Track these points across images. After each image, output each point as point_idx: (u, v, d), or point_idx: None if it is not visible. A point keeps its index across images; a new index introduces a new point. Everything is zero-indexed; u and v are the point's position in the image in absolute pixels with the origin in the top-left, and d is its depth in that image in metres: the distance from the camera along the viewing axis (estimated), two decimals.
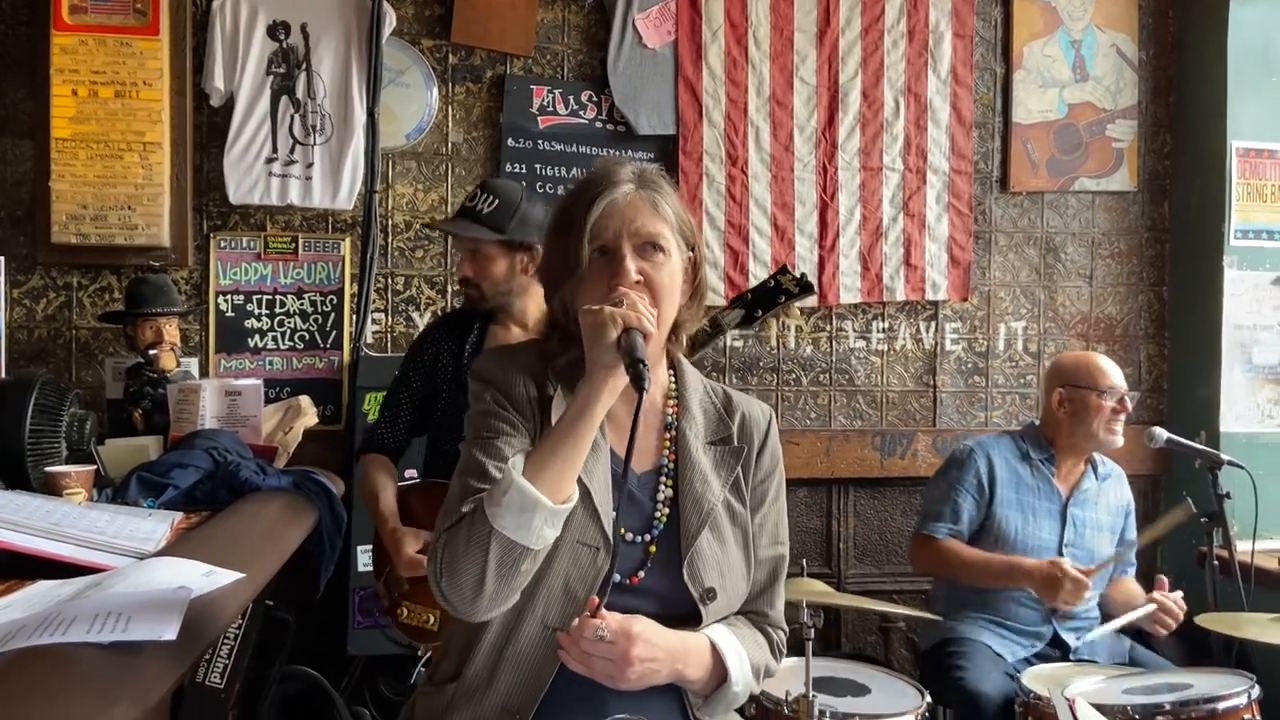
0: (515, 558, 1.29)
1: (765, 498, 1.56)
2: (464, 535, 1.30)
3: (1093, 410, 2.77)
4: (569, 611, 1.37)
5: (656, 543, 1.45)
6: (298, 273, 3.26)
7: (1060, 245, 3.67)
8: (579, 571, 1.39)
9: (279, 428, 2.86)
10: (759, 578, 1.55)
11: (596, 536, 1.40)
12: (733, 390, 1.62)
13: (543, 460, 1.31)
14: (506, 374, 1.47)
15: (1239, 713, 2.18)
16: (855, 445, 3.52)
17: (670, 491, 1.48)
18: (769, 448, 1.58)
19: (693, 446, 1.50)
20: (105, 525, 1.69)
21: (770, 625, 1.57)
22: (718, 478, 1.51)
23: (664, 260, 1.43)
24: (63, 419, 2.14)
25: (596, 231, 1.42)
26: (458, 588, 1.30)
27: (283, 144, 3.19)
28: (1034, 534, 2.77)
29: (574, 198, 1.47)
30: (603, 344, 1.32)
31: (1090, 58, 3.62)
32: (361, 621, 3.09)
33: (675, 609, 1.43)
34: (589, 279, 1.42)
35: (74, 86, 3.03)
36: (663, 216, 1.44)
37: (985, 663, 2.62)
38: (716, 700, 1.44)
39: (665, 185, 1.49)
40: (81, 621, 1.12)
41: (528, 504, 1.27)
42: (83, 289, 3.15)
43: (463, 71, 3.36)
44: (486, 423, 1.43)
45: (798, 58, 3.47)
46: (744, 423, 1.56)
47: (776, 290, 2.46)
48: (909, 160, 3.53)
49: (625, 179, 1.45)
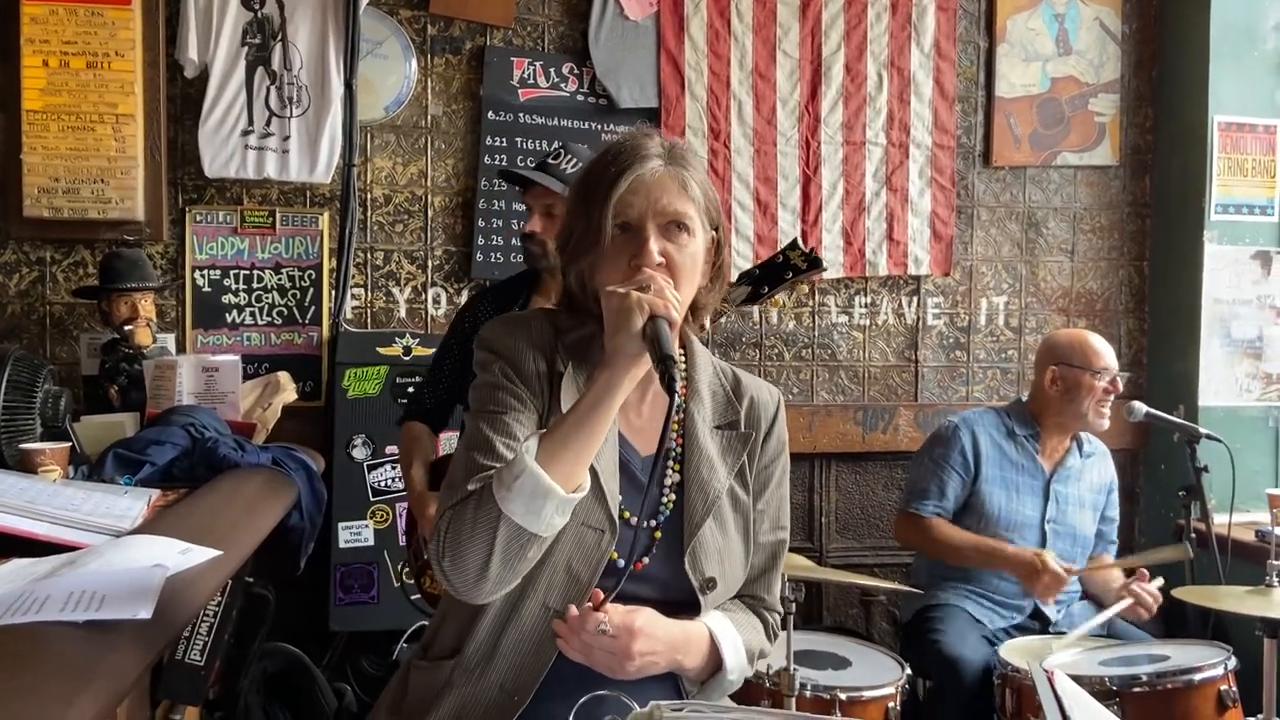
0: (523, 544, 1.26)
1: (769, 483, 1.54)
2: (470, 516, 1.27)
3: (1085, 390, 2.78)
4: (571, 593, 1.36)
5: (661, 528, 1.43)
6: (275, 247, 3.22)
7: (1042, 220, 3.67)
8: (583, 554, 1.37)
9: (258, 404, 2.83)
10: (758, 562, 1.54)
11: (602, 520, 1.38)
12: (743, 372, 1.59)
13: (557, 446, 1.27)
14: (516, 345, 1.42)
15: (1215, 683, 2.21)
16: (837, 420, 3.53)
17: (677, 476, 1.45)
18: (776, 432, 1.55)
19: (700, 431, 1.47)
20: (81, 503, 1.67)
21: (766, 609, 1.56)
22: (724, 464, 1.48)
23: (688, 241, 1.39)
24: (37, 395, 2.11)
25: (621, 207, 1.37)
26: (461, 570, 1.27)
27: (259, 116, 3.14)
28: (1017, 509, 2.79)
29: (600, 169, 1.42)
30: (628, 331, 1.28)
31: (1073, 31, 3.61)
32: (343, 598, 3.08)
33: (674, 595, 1.42)
34: (609, 255, 1.38)
35: (45, 57, 2.97)
36: (690, 196, 1.40)
37: (964, 627, 2.65)
38: (711, 687, 1.44)
39: (694, 162, 1.44)
40: (56, 600, 1.11)
41: (540, 491, 1.24)
42: (56, 264, 3.11)
43: (442, 43, 3.31)
44: (494, 396, 1.39)
45: (780, 30, 3.44)
46: (752, 406, 1.53)
47: (785, 266, 2.42)
48: (892, 134, 3.52)
49: (654, 154, 1.40)
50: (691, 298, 1.43)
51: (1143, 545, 3.68)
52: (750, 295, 2.44)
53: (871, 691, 2.28)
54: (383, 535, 3.11)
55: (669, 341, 1.26)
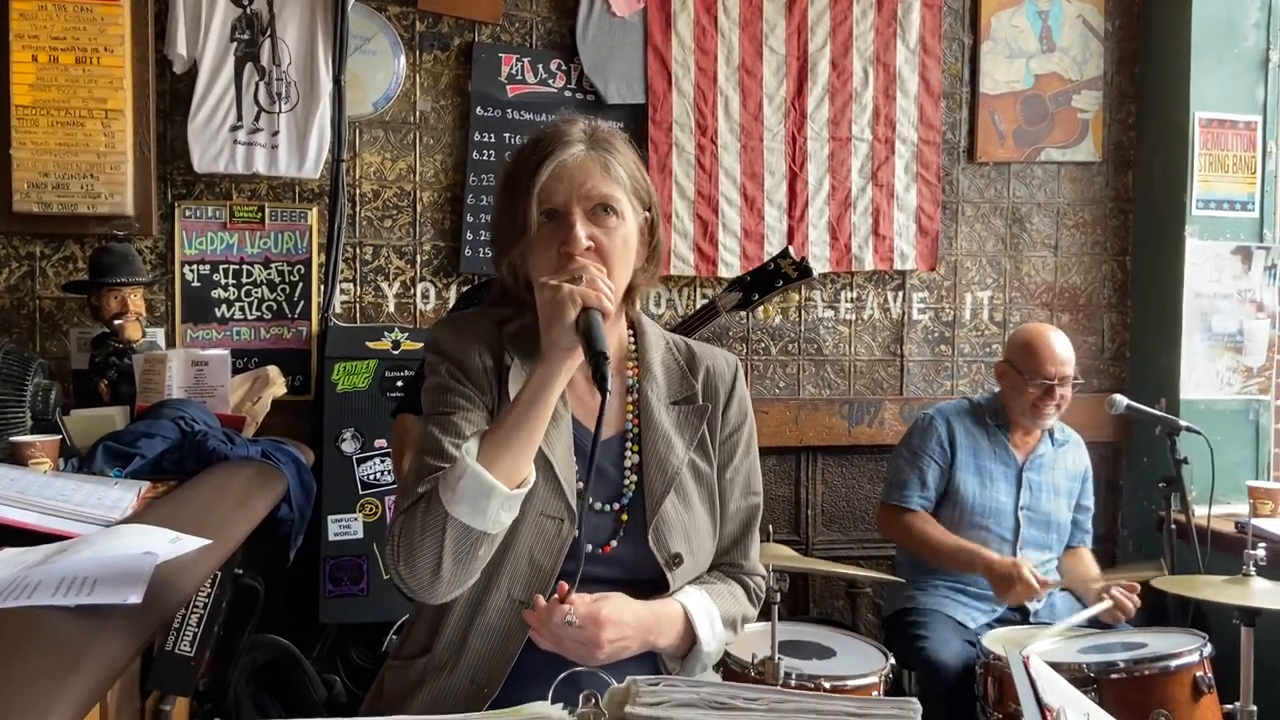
0: (472, 542, 1.28)
1: (736, 451, 1.54)
2: (419, 520, 1.29)
3: (1021, 394, 2.85)
4: (535, 584, 1.37)
5: (625, 510, 1.44)
6: (264, 242, 3.23)
7: (1026, 215, 3.70)
8: (544, 544, 1.38)
9: (247, 398, 2.85)
10: (732, 530, 1.54)
11: (560, 508, 1.39)
12: (697, 343, 1.58)
13: (498, 444, 1.29)
14: (461, 344, 1.44)
15: (1191, 670, 2.24)
16: (823, 414, 3.56)
17: (636, 457, 1.46)
18: (736, 399, 1.54)
19: (655, 409, 1.48)
20: (71, 493, 1.69)
21: (745, 574, 1.56)
22: (681, 439, 1.49)
23: (617, 224, 1.39)
24: (27, 389, 2.13)
25: (545, 194, 1.37)
26: (415, 572, 1.29)
27: (247, 112, 3.16)
28: (991, 496, 2.85)
29: (522, 158, 1.42)
30: (561, 324, 1.29)
31: (1057, 28, 3.64)
32: (332, 590, 3.10)
33: (642, 574, 1.43)
34: (538, 244, 1.38)
35: (34, 52, 2.98)
36: (615, 178, 1.40)
37: (946, 632, 2.68)
38: (691, 661, 1.45)
39: (618, 144, 1.44)
40: (47, 585, 1.13)
41: (483, 490, 1.26)
42: (46, 258, 3.12)
43: (430, 39, 3.33)
44: (443, 397, 1.41)
45: (767, 26, 3.47)
46: (709, 377, 1.53)
47: (775, 274, 2.45)
48: (877, 130, 3.54)
49: (576, 138, 1.40)
50: (627, 281, 1.44)
51: (1125, 537, 3.72)
52: (741, 302, 2.47)
53: (855, 680, 2.31)
54: (372, 528, 3.13)
55: (602, 335, 1.27)
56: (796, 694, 0.96)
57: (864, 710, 0.95)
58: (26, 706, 0.89)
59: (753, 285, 2.45)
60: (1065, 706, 1.18)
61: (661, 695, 0.96)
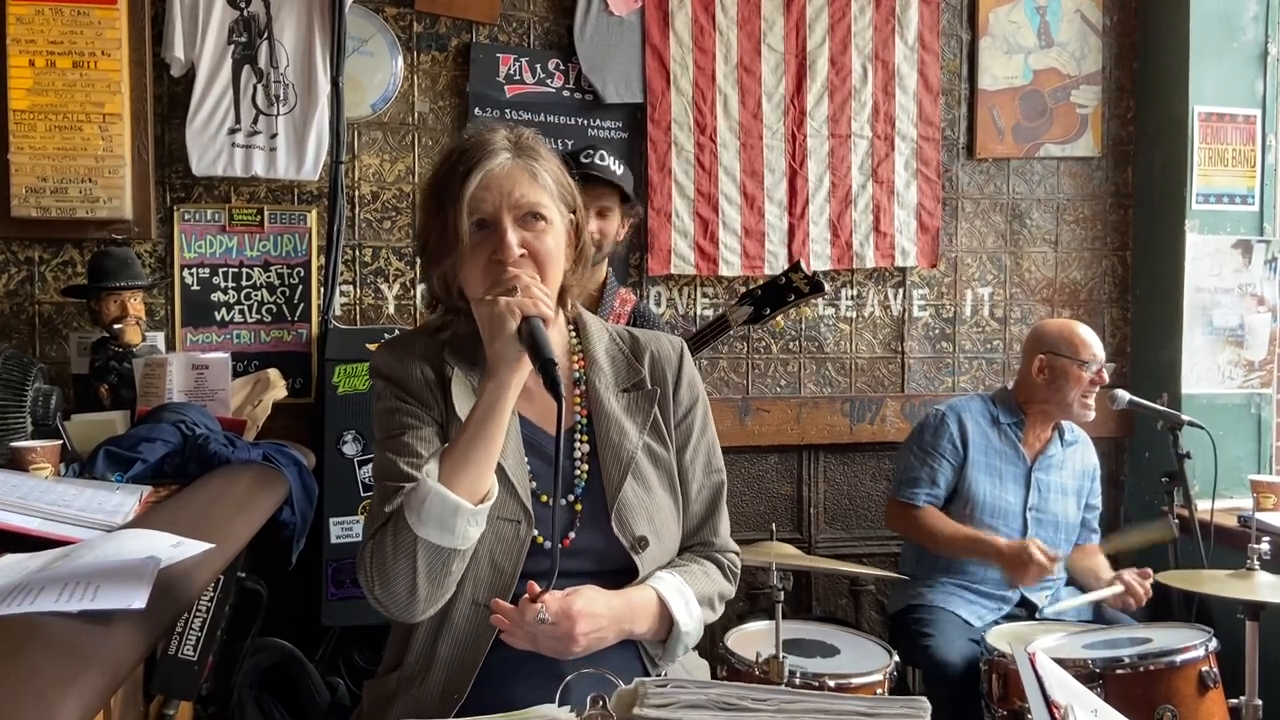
0: (444, 560, 1.30)
1: (692, 431, 1.55)
2: (390, 543, 1.31)
3: (1072, 381, 2.81)
4: (498, 586, 1.38)
5: (580, 500, 1.45)
6: (264, 245, 3.23)
7: (1026, 211, 3.70)
8: (503, 546, 1.39)
9: (248, 401, 2.84)
10: (698, 510, 1.55)
11: (516, 510, 1.40)
12: (639, 331, 1.60)
13: (457, 462, 1.30)
14: (401, 363, 1.45)
15: (1196, 664, 2.24)
16: (825, 412, 3.55)
17: (587, 447, 1.48)
18: (685, 381, 1.56)
19: (604, 397, 1.49)
20: (73, 499, 1.68)
21: (718, 551, 1.57)
22: (634, 424, 1.50)
23: (546, 228, 1.40)
24: (27, 394, 2.13)
25: (474, 204, 1.38)
26: (392, 595, 1.31)
27: (245, 114, 3.15)
28: (1001, 496, 2.83)
29: (448, 168, 1.42)
30: (504, 337, 1.30)
31: (1055, 24, 3.64)
32: (335, 593, 3.09)
33: (610, 563, 1.44)
34: (470, 254, 1.39)
35: (31, 57, 2.97)
36: (541, 184, 1.41)
37: (952, 630, 2.67)
38: (672, 645, 1.46)
39: (542, 150, 1.46)
40: (50, 591, 1.12)
41: (448, 509, 1.27)
42: (45, 263, 3.11)
43: (428, 40, 3.32)
44: (392, 420, 1.43)
45: (765, 24, 3.46)
46: (654, 362, 1.55)
47: (787, 288, 2.44)
48: (877, 127, 3.54)
49: (501, 147, 1.41)
50: (559, 284, 1.45)
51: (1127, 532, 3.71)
52: (752, 316, 2.47)
53: (860, 678, 2.31)
54: None
55: (547, 343, 1.29)
56: (805, 694, 0.96)
57: (873, 710, 0.94)
58: (30, 713, 0.88)
59: (764, 299, 2.45)
60: (1073, 703, 1.18)
61: (669, 697, 0.96)
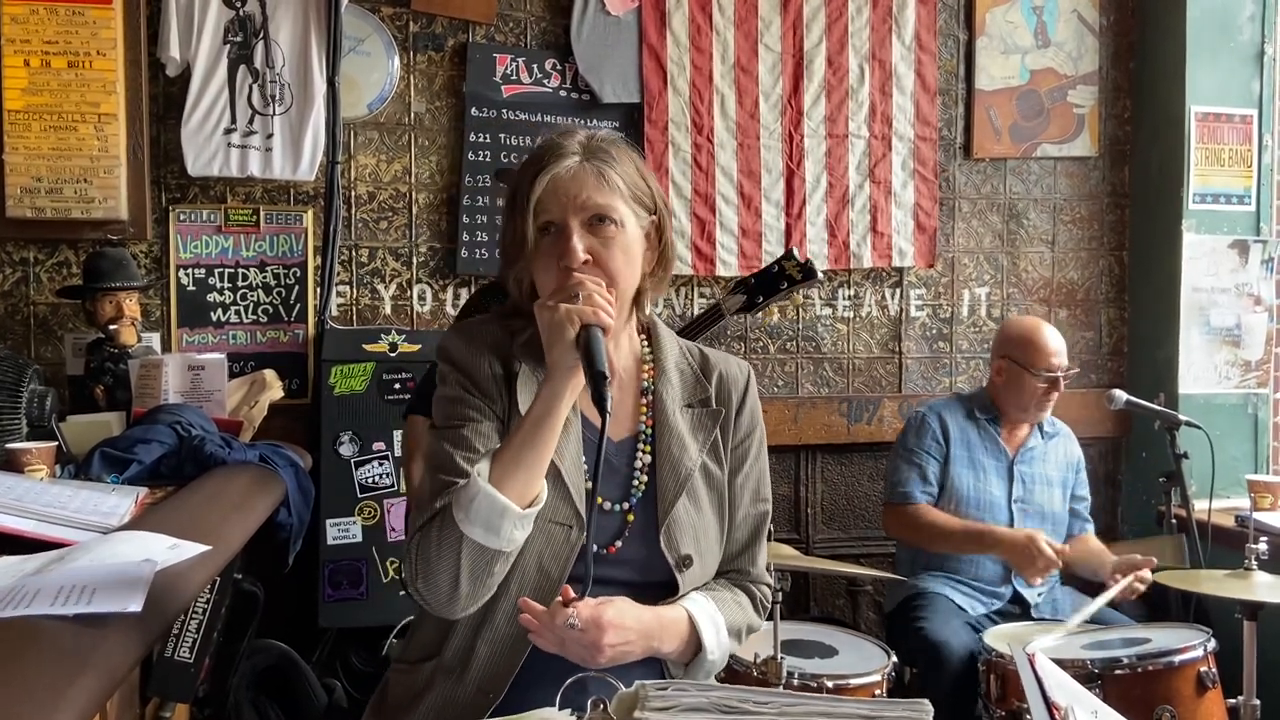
0: (488, 561, 1.29)
1: (746, 457, 1.54)
2: (435, 538, 1.30)
3: (1027, 389, 2.85)
4: (544, 590, 1.37)
5: (634, 510, 1.44)
6: (260, 245, 3.22)
7: (1023, 211, 3.70)
8: (552, 550, 1.38)
9: (244, 402, 2.83)
10: (741, 537, 1.54)
11: (569, 514, 1.39)
12: (710, 350, 1.59)
13: (509, 464, 1.29)
14: (471, 353, 1.44)
15: (1195, 665, 2.24)
16: (822, 412, 3.55)
17: (649, 458, 1.46)
18: (748, 406, 1.55)
19: (669, 410, 1.48)
20: (68, 501, 1.67)
21: (752, 582, 1.56)
22: (695, 441, 1.49)
23: (616, 233, 1.38)
24: (22, 395, 2.11)
25: (541, 209, 1.37)
26: (434, 590, 1.31)
27: (241, 114, 3.14)
28: (985, 489, 2.86)
29: (521, 173, 1.42)
30: (562, 344, 1.29)
31: (1051, 24, 3.64)
32: (332, 594, 3.08)
33: (651, 576, 1.43)
34: (539, 259, 1.38)
35: (26, 57, 2.96)
36: (611, 186, 1.38)
37: (947, 614, 2.68)
38: (694, 669, 1.44)
39: (614, 152, 1.42)
40: (46, 594, 1.11)
41: (496, 510, 1.26)
42: (40, 264, 3.10)
43: (424, 40, 3.31)
44: (454, 409, 1.41)
45: (762, 24, 3.46)
46: (721, 382, 1.54)
47: (780, 276, 2.43)
48: (874, 127, 3.53)
49: (570, 151, 1.40)
50: (633, 289, 1.44)
51: (1125, 532, 3.72)
52: (745, 304, 2.45)
53: (858, 679, 2.31)
54: (370, 531, 3.11)
55: (601, 354, 1.27)
56: (806, 697, 0.95)
57: (875, 713, 0.94)
58: (26, 717, 0.87)
59: (757, 288, 2.44)
60: (1073, 705, 1.18)
61: (670, 700, 0.95)
